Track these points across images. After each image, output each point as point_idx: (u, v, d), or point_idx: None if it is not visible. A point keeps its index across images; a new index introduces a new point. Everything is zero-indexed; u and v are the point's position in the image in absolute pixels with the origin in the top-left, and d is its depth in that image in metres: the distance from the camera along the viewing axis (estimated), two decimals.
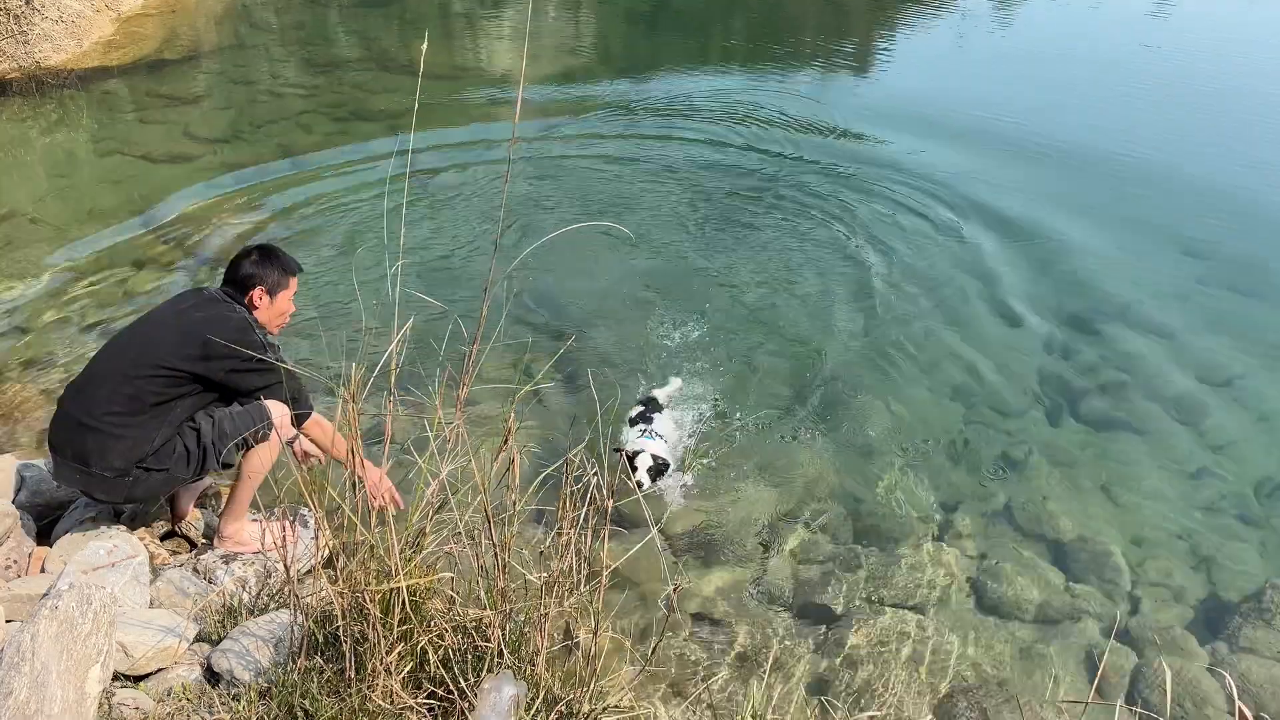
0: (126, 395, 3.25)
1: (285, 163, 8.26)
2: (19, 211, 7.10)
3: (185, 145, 8.62)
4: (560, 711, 2.49)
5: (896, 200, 8.00)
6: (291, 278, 3.59)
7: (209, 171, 7.99)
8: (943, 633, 3.78)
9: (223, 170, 8.01)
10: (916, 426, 5.04)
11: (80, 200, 7.35)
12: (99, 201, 7.31)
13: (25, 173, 7.97)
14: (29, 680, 2.37)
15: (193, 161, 8.25)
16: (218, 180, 7.80)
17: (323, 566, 2.71)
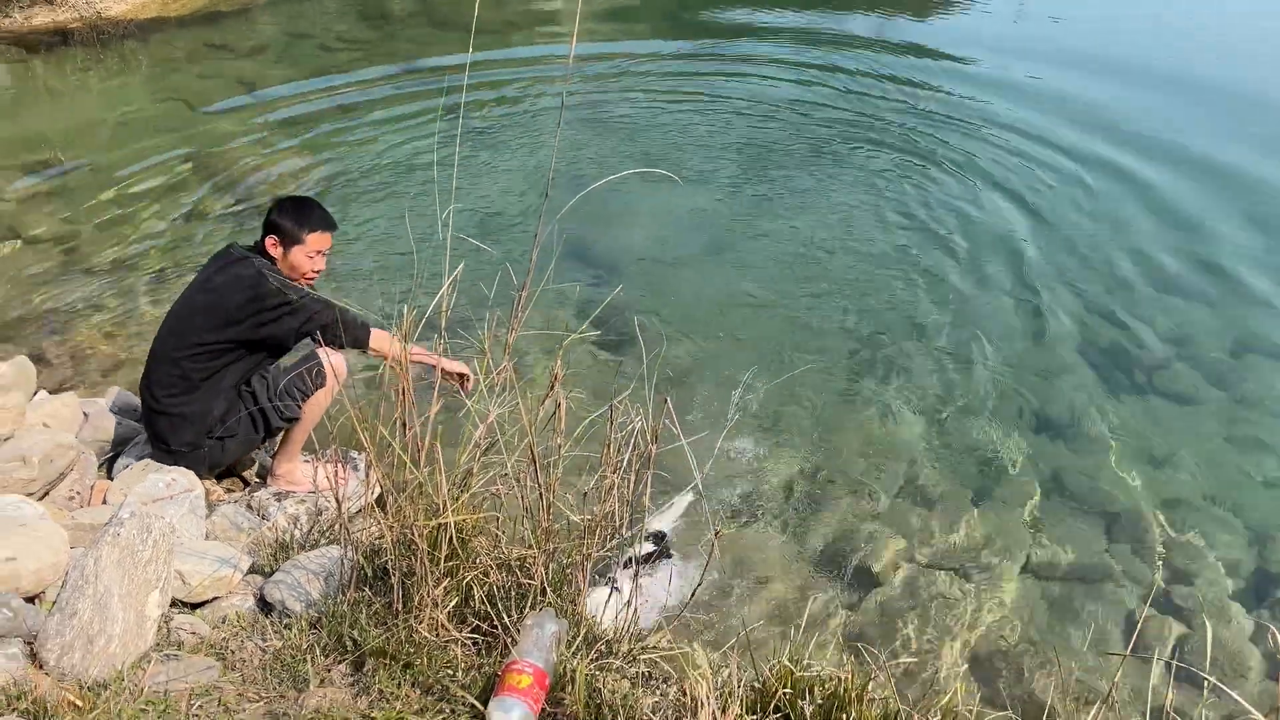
0: (176, 376, 3.40)
1: (338, 113, 8.36)
2: (80, 159, 7.25)
3: (240, 96, 8.73)
4: (600, 650, 2.54)
5: (955, 149, 7.86)
6: (309, 233, 3.46)
7: (263, 122, 8.10)
8: (980, 592, 3.78)
9: (277, 121, 8.12)
10: (963, 388, 5.00)
11: (139, 149, 7.49)
12: (157, 150, 7.45)
13: (86, 122, 8.12)
14: (92, 602, 2.47)
15: (247, 112, 8.37)
16: (271, 131, 7.91)
17: (373, 505, 2.79)
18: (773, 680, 2.14)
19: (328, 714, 2.30)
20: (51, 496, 3.33)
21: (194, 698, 2.34)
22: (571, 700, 2.35)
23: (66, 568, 2.67)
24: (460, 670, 2.46)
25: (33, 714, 2.19)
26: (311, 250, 3.48)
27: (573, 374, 4.26)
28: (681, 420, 2.36)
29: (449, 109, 8.16)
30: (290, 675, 2.44)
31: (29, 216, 6.31)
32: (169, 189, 6.81)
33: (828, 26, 11.34)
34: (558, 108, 8.41)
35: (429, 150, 7.45)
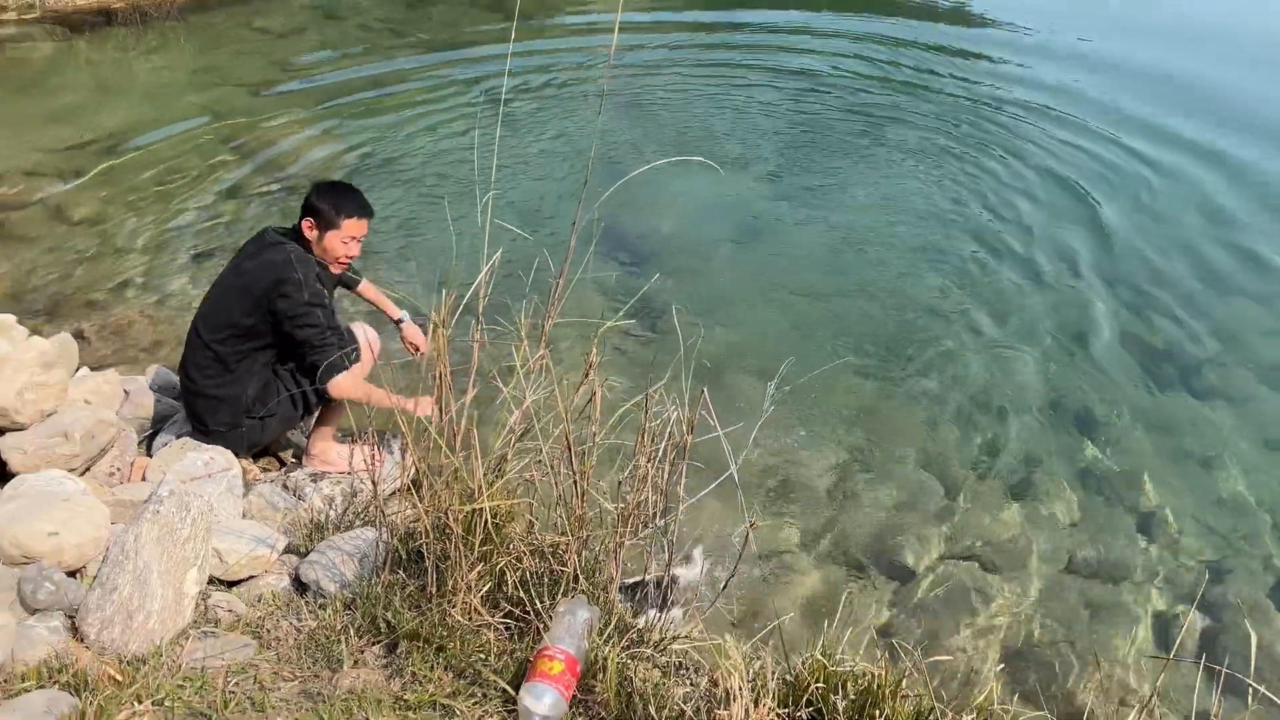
0: (210, 358, 3.46)
1: (376, 95, 8.40)
2: (123, 139, 7.33)
3: (279, 76, 8.79)
4: (631, 639, 2.55)
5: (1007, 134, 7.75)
6: (345, 219, 3.47)
7: (301, 103, 8.14)
8: (1016, 590, 3.74)
9: (315, 102, 8.17)
10: (1002, 382, 4.94)
11: (178, 129, 7.56)
12: (196, 131, 7.51)
13: (128, 101, 8.20)
14: (132, 578, 2.50)
15: (285, 93, 8.42)
16: (311, 111, 7.96)
17: (408, 489, 2.81)
18: (805, 674, 2.13)
19: (361, 695, 2.32)
20: (92, 472, 3.38)
21: (230, 675, 2.37)
22: (603, 688, 2.35)
23: (107, 543, 2.71)
24: (493, 655, 2.47)
25: (74, 687, 2.23)
26: (346, 236, 3.50)
27: (608, 361, 4.27)
28: (716, 410, 2.35)
29: (487, 92, 8.18)
30: (325, 655, 2.47)
31: (71, 195, 6.39)
32: (207, 169, 6.87)
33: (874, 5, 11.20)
34: (594, 92, 8.40)
35: (465, 132, 7.47)
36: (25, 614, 2.50)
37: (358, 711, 2.27)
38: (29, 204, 6.29)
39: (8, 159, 6.84)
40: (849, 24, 10.49)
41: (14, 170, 6.68)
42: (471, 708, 2.32)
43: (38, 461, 3.14)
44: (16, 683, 2.23)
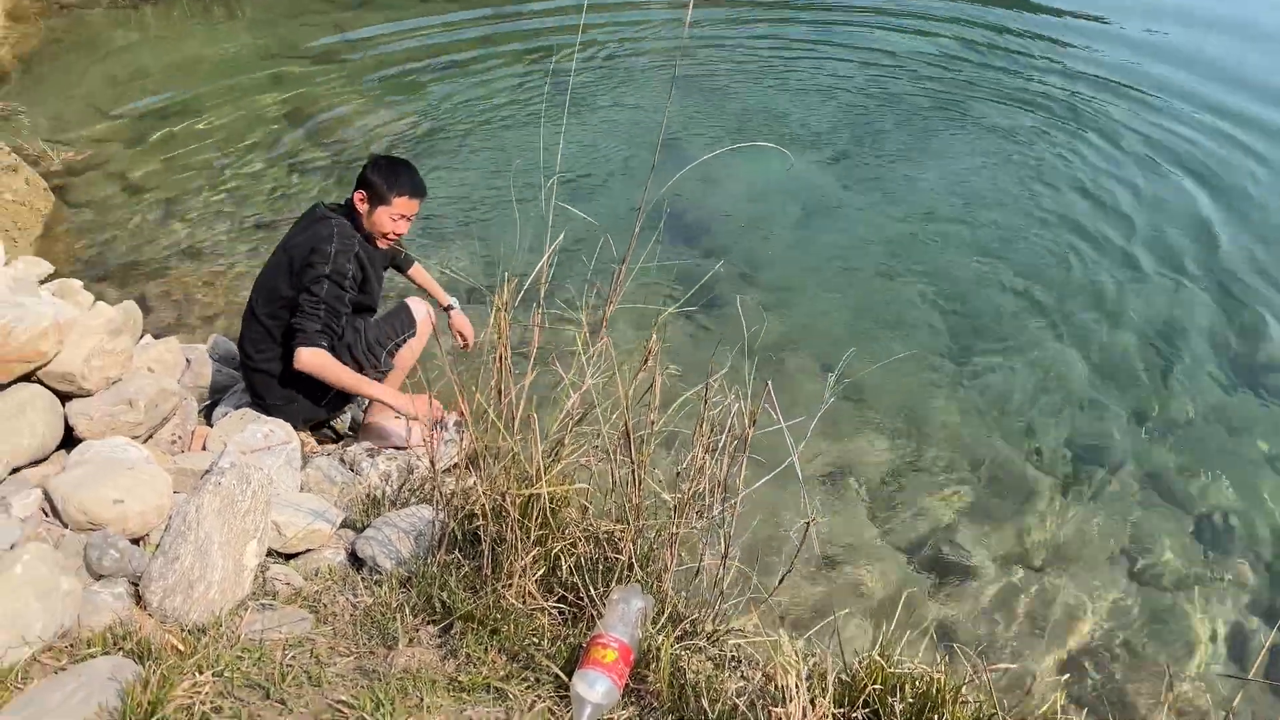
0: (263, 333, 3.50)
1: (438, 67, 8.40)
2: (187, 109, 7.42)
3: (341, 46, 8.83)
4: (685, 629, 2.54)
5: (1096, 111, 7.53)
6: (396, 196, 3.45)
7: (363, 74, 8.18)
8: (1074, 593, 3.67)
9: (376, 73, 8.20)
10: (1075, 380, 4.82)
11: (242, 99, 7.63)
12: (259, 101, 7.58)
13: (193, 71, 8.29)
14: (194, 548, 2.54)
15: (348, 63, 8.46)
16: (371, 83, 7.99)
17: (465, 468, 2.82)
18: (863, 674, 2.10)
19: (416, 674, 2.33)
20: (155, 440, 3.43)
21: (288, 648, 2.40)
22: (655, 678, 2.35)
23: (170, 512, 2.75)
24: (546, 640, 2.47)
25: (137, 654, 2.26)
26: (396, 213, 3.48)
27: (668, 348, 4.24)
28: (775, 399, 2.32)
29: (552, 70, 8.14)
30: (380, 632, 2.48)
31: (134, 162, 6.48)
32: (268, 139, 6.93)
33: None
34: (659, 67, 8.32)
35: (529, 108, 7.46)
36: (91, 580, 2.55)
37: (413, 691, 2.28)
38: (93, 169, 6.39)
39: (73, 124, 6.96)
40: (923, 1, 10.26)
41: (79, 136, 6.79)
42: (524, 692, 2.33)
43: (103, 428, 3.19)
44: (83, 648, 2.28)
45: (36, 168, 6.08)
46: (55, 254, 5.27)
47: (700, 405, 2.47)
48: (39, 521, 2.71)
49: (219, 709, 2.16)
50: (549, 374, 3.09)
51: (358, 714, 2.20)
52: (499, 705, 2.29)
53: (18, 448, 2.97)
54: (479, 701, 2.29)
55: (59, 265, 4.87)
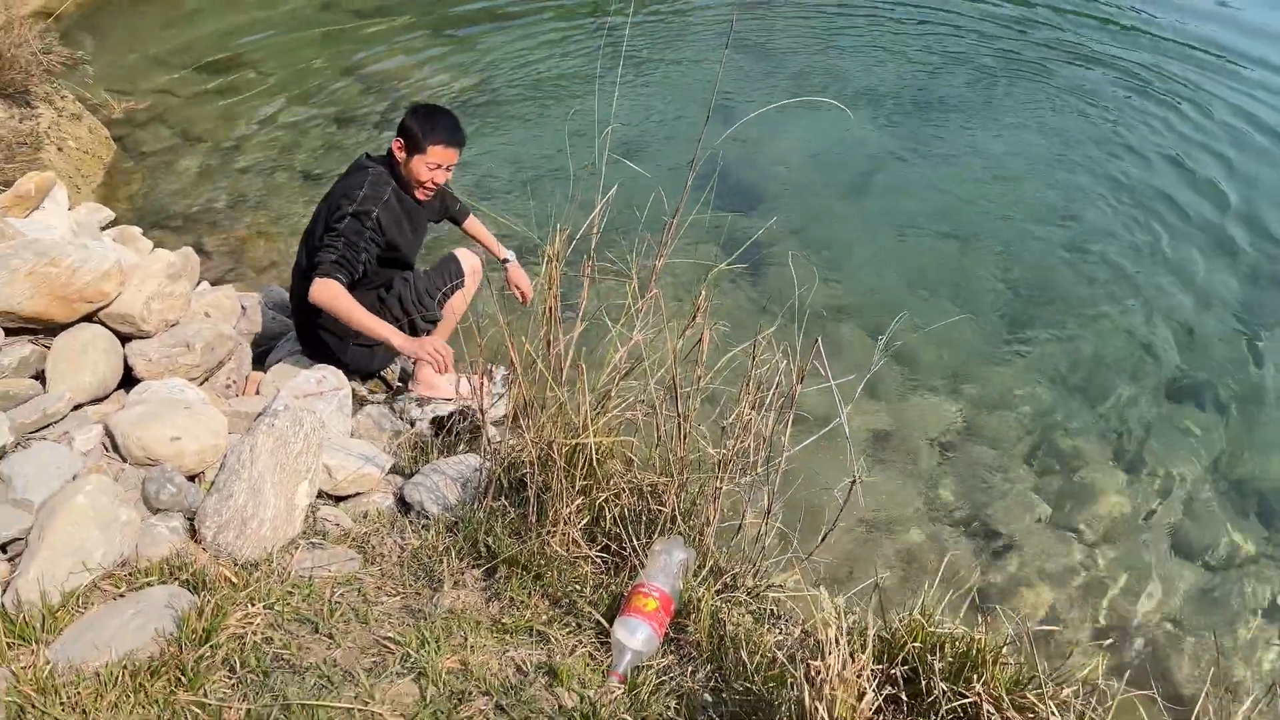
0: (306, 282, 3.40)
1: (492, 19, 8.36)
2: (244, 61, 7.48)
3: (396, 5, 8.82)
4: (725, 582, 2.56)
5: (1172, 77, 7.27)
6: (432, 144, 3.37)
7: (417, 30, 8.18)
8: (1120, 566, 3.63)
9: (430, 29, 8.19)
10: (1129, 352, 4.73)
11: (298, 53, 7.67)
12: (313, 53, 7.62)
13: (250, 25, 8.34)
14: (247, 486, 2.60)
15: (403, 19, 8.45)
16: (425, 38, 7.99)
17: (513, 418, 2.85)
18: (903, 632, 2.11)
19: (461, 615, 2.38)
20: (210, 383, 3.50)
21: (336, 586, 2.46)
22: (695, 629, 2.37)
23: (225, 451, 2.82)
24: (588, 587, 2.51)
25: (192, 585, 2.34)
26: (432, 162, 3.40)
27: (717, 304, 4.23)
28: (824, 358, 2.31)
29: (603, 21, 8.09)
30: (426, 574, 2.53)
31: (195, 115, 6.56)
32: (325, 92, 6.97)
33: None
34: (716, 24, 8.21)
35: (584, 60, 7.43)
36: (148, 513, 2.62)
37: (457, 631, 2.33)
38: (153, 119, 6.48)
39: (134, 74, 7.06)
40: None
41: (140, 86, 6.88)
42: (566, 636, 2.37)
43: (161, 369, 3.27)
44: (140, 577, 2.35)
45: (98, 115, 6.19)
46: (116, 201, 5.37)
47: (748, 362, 2.47)
48: (100, 456, 2.79)
49: (269, 640, 2.22)
50: (598, 327, 3.10)
51: (403, 650, 2.25)
52: (541, 648, 2.33)
53: (80, 385, 3.05)
54: (521, 644, 2.33)
55: (119, 212, 4.96)
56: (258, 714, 2.02)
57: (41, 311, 3.11)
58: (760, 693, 2.16)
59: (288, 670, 2.15)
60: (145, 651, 2.10)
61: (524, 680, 2.23)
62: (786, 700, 2.04)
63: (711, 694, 2.25)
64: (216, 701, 2.03)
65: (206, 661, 2.08)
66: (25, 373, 3.08)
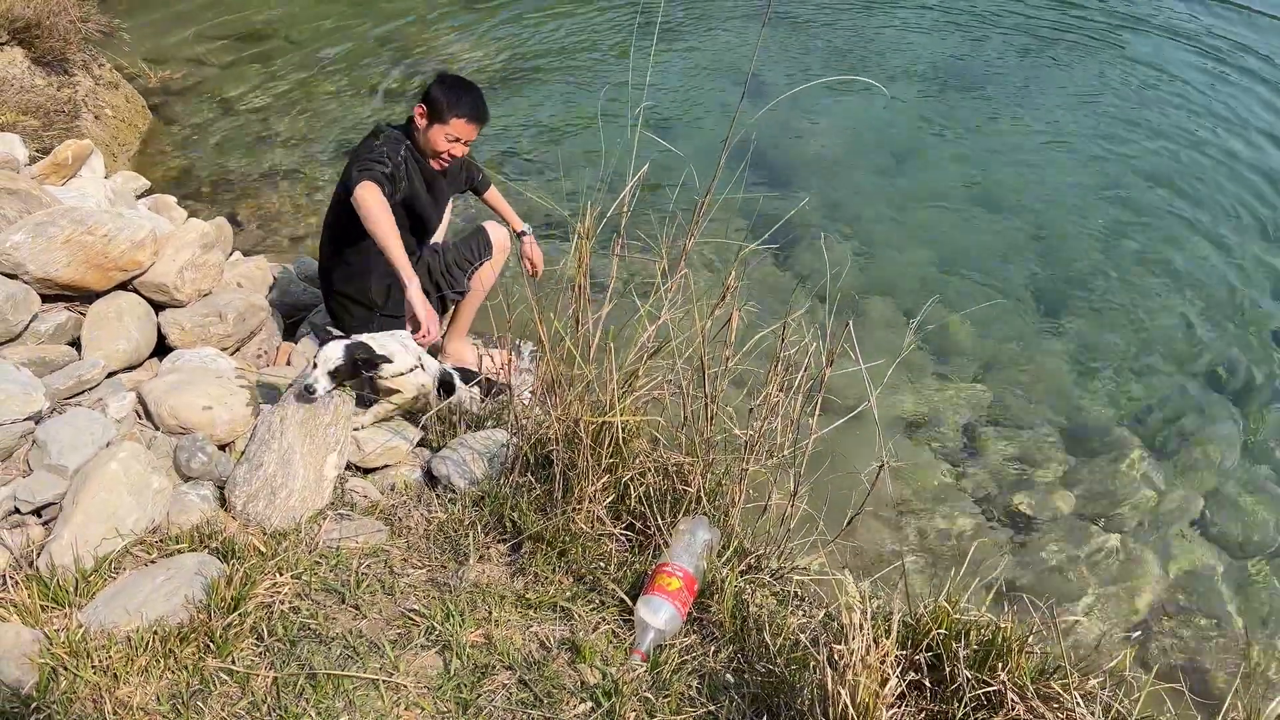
0: (331, 253, 3.49)
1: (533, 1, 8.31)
2: (281, 32, 7.49)
3: None
4: (749, 564, 2.55)
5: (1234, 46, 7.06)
6: (453, 117, 3.33)
7: (457, 4, 8.15)
8: (1149, 555, 3.59)
9: (470, 3, 8.16)
10: (1164, 341, 4.66)
11: (335, 24, 7.67)
12: (352, 26, 7.61)
13: None
14: (277, 456, 2.63)
15: None
16: (459, 10, 7.96)
17: (540, 395, 2.85)
18: (927, 619, 2.09)
19: (486, 589, 2.40)
20: (241, 352, 3.54)
21: (363, 557, 2.48)
22: (718, 609, 2.37)
23: (255, 421, 2.85)
24: (612, 564, 2.51)
25: (222, 553, 2.36)
26: (451, 134, 3.35)
27: (747, 285, 4.21)
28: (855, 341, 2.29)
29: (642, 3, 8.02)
30: (452, 547, 2.55)
31: (230, 86, 6.58)
32: (361, 65, 6.97)
33: None
34: (752, 6, 8.11)
35: (616, 37, 7.37)
36: (179, 480, 2.66)
37: (481, 604, 2.34)
38: (189, 89, 6.52)
39: (171, 44, 7.09)
40: None
41: (177, 55, 6.92)
42: (589, 613, 2.38)
43: (194, 338, 3.30)
44: (171, 543, 2.38)
45: (134, 84, 6.23)
46: (151, 170, 5.41)
47: (777, 343, 2.46)
48: (133, 423, 2.83)
49: (297, 609, 2.25)
50: (627, 305, 3.09)
51: (428, 623, 2.27)
52: (564, 623, 2.34)
53: (114, 352, 3.09)
54: (545, 619, 2.35)
55: (154, 181, 5.00)
56: (284, 682, 2.05)
57: (77, 279, 3.15)
58: (782, 675, 2.16)
59: (314, 639, 2.18)
60: (175, 618, 2.13)
61: (547, 655, 2.24)
62: (809, 683, 2.04)
63: (733, 674, 2.25)
64: (244, 668, 2.06)
65: (235, 629, 2.11)
66: (61, 339, 3.13)
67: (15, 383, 2.68)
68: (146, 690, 1.97)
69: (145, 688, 1.98)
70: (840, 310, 2.51)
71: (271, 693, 2.03)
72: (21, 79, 5.13)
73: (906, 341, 2.77)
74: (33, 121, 4.78)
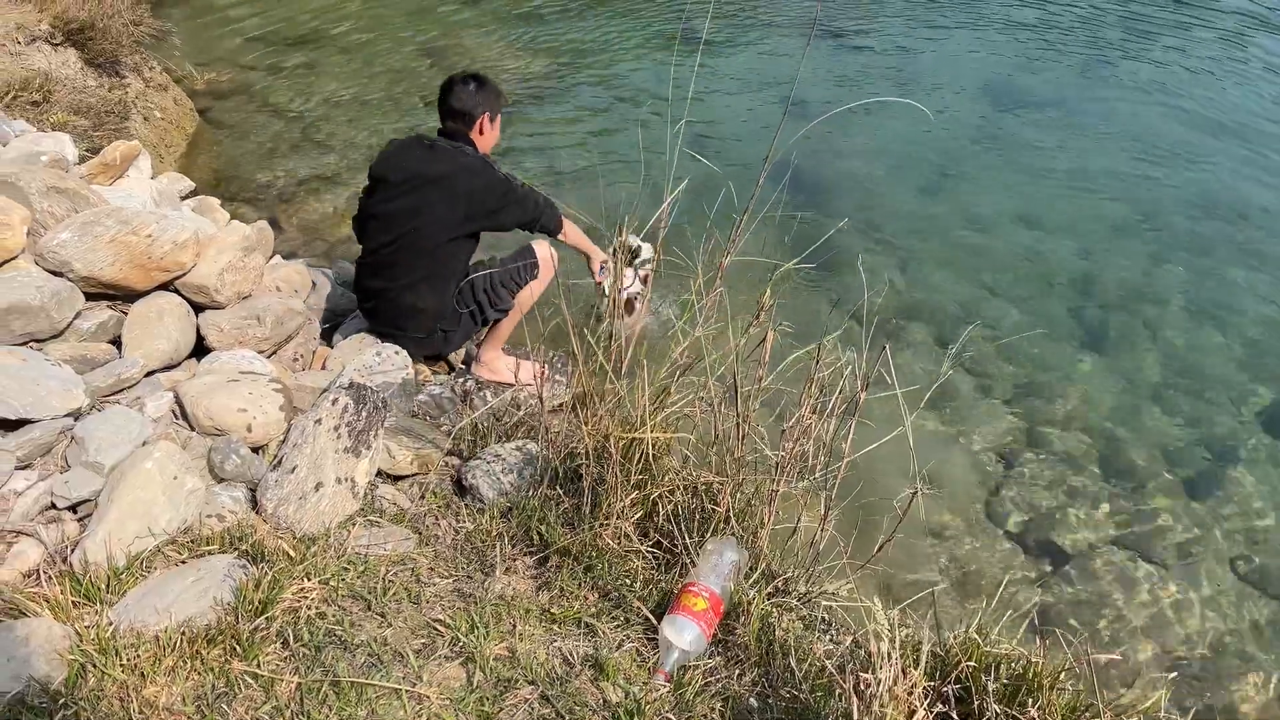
0: (424, 266, 3.47)
1: (576, 14, 8.35)
2: (327, 39, 7.59)
3: None
4: (777, 586, 2.53)
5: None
6: (503, 101, 3.62)
7: (501, 14, 8.21)
8: (1185, 592, 3.51)
9: (514, 13, 8.22)
10: (1204, 369, 4.58)
11: (380, 32, 7.76)
12: (396, 34, 7.71)
13: (331, 4, 8.45)
14: (309, 461, 2.64)
15: (485, 3, 8.49)
16: (509, 23, 8.03)
17: (571, 408, 2.85)
18: (957, 650, 2.06)
19: (511, 602, 2.39)
20: (278, 356, 3.57)
21: (390, 564, 2.48)
22: (744, 632, 2.35)
23: (288, 425, 2.87)
24: (638, 582, 2.50)
25: (251, 556, 2.38)
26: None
27: (782, 304, 4.18)
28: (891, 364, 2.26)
29: (686, 16, 8.04)
30: (479, 558, 2.55)
31: (276, 90, 6.68)
32: (405, 74, 7.05)
33: None
34: (795, 9, 8.08)
35: (662, 51, 7.38)
36: (213, 481, 2.68)
37: (506, 617, 2.34)
38: (236, 93, 6.62)
39: (219, 47, 7.21)
40: None
41: (223, 59, 7.03)
42: (614, 630, 2.36)
43: (232, 340, 3.33)
44: (202, 544, 2.40)
45: (182, 86, 6.34)
46: (196, 171, 5.49)
47: (811, 365, 2.44)
48: (169, 422, 2.86)
49: (323, 615, 2.26)
50: (661, 321, 3.08)
51: (453, 634, 2.27)
52: (588, 640, 2.33)
53: (154, 351, 3.13)
54: (569, 635, 2.34)
55: (199, 182, 5.07)
56: (308, 688, 2.05)
57: (121, 278, 3.19)
58: (807, 701, 2.14)
59: (339, 646, 2.18)
60: (203, 619, 2.14)
61: (570, 672, 2.23)
62: (834, 711, 2.01)
63: (757, 699, 2.23)
64: (269, 673, 2.06)
65: (261, 633, 2.12)
66: (103, 337, 3.17)
67: (57, 379, 2.72)
68: (172, 691, 1.99)
69: (171, 688, 1.99)
70: (876, 332, 2.49)
71: (295, 698, 2.04)
72: (74, 79, 5.23)
73: (944, 368, 2.74)
74: (83, 121, 4.87)
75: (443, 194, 3.40)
